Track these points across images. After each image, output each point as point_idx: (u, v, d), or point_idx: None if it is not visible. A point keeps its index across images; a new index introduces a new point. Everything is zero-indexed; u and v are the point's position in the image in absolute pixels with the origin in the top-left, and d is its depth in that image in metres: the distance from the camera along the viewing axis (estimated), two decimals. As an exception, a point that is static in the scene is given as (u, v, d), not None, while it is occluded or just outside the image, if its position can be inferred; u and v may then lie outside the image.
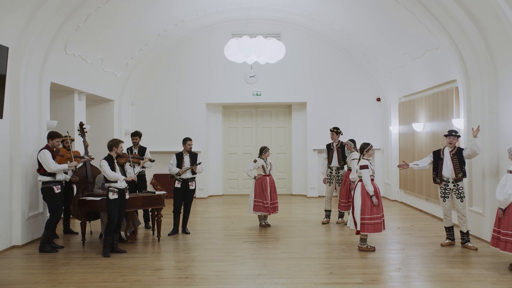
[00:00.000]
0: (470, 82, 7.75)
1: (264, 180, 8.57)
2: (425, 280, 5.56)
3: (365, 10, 10.10)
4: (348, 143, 8.75)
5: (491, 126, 7.32)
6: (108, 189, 6.68)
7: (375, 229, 6.72)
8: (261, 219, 8.73)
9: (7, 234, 7.09)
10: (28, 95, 7.40)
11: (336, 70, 12.82)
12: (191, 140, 8.15)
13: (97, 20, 8.64)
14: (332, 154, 9.05)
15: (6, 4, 6.40)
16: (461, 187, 6.97)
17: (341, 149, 9.00)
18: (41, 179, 7.04)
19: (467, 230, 7.02)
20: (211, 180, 13.18)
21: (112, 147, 6.79)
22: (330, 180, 9.08)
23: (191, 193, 8.13)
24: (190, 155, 8.09)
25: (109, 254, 6.62)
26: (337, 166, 9.02)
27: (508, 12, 6.32)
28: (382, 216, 6.82)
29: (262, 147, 8.73)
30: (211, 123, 13.21)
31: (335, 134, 9.09)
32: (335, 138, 9.09)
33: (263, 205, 8.49)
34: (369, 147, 7.02)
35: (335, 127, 9.23)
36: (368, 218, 6.72)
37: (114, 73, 11.13)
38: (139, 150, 8.65)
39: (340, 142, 9.06)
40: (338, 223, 8.98)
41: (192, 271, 5.99)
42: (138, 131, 8.85)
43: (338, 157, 9.00)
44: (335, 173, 9.05)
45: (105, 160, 6.70)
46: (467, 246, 6.97)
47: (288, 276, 5.69)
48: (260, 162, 8.56)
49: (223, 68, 12.54)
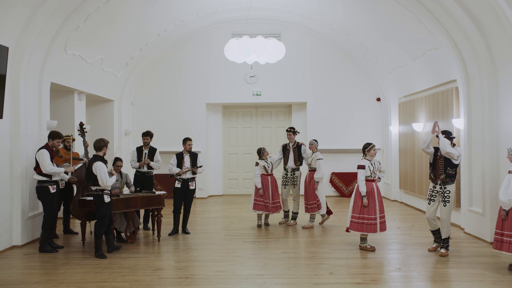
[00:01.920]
0: (470, 82, 7.75)
1: (265, 179, 8.56)
2: (425, 280, 5.56)
3: (365, 10, 10.10)
4: (312, 143, 8.66)
5: (491, 126, 7.32)
6: (104, 192, 6.62)
7: (362, 228, 6.76)
8: (260, 219, 8.69)
9: (7, 234, 7.09)
10: (28, 95, 7.40)
11: (336, 70, 12.82)
12: (191, 140, 8.15)
13: (97, 20, 8.64)
14: (288, 155, 8.82)
15: (6, 4, 6.40)
16: (447, 191, 6.53)
17: (297, 149, 8.82)
18: (37, 177, 7.00)
19: (446, 236, 6.57)
20: (211, 180, 13.18)
21: (103, 147, 6.75)
22: (285, 182, 8.88)
23: (191, 193, 8.13)
24: (190, 155, 8.10)
25: (104, 256, 6.57)
26: (293, 167, 8.81)
27: (508, 12, 6.32)
28: (375, 218, 6.74)
29: (259, 149, 8.67)
30: (211, 123, 13.21)
31: (292, 134, 8.83)
32: (292, 138, 8.85)
33: (264, 204, 8.47)
34: (370, 147, 6.97)
35: (291, 127, 8.94)
36: (356, 217, 6.79)
37: (114, 73, 11.13)
38: (149, 150, 8.53)
39: (296, 143, 8.86)
40: (289, 225, 8.77)
41: (192, 271, 5.99)
42: (150, 131, 8.66)
43: (294, 158, 8.78)
44: (291, 174, 8.85)
45: (101, 162, 6.58)
46: (440, 252, 6.55)
47: (288, 276, 5.69)
48: (262, 163, 8.55)
49: (223, 68, 12.53)
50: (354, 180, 12.80)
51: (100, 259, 6.49)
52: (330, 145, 12.83)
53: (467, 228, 7.90)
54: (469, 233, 7.80)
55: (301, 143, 8.89)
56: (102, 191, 6.61)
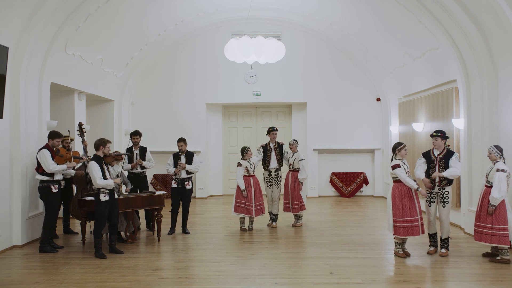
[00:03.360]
0: (470, 82, 7.75)
1: (248, 181, 8.26)
2: (425, 280, 5.56)
3: (365, 10, 10.10)
4: (293, 143, 8.58)
5: (491, 126, 7.32)
6: (100, 191, 6.59)
7: (408, 232, 6.33)
8: (242, 223, 8.41)
9: (7, 234, 7.09)
10: (28, 95, 7.40)
11: (336, 70, 12.82)
12: (180, 141, 8.12)
13: (97, 20, 8.64)
14: (270, 156, 8.63)
15: (6, 4, 6.40)
16: (446, 191, 6.53)
17: (279, 149, 8.68)
18: (39, 177, 7.02)
19: (446, 236, 6.58)
20: (211, 180, 13.18)
21: (100, 146, 6.74)
22: (270, 183, 8.69)
23: (188, 193, 8.13)
24: (186, 154, 8.12)
25: (104, 256, 6.56)
26: (276, 167, 8.66)
27: (508, 12, 6.32)
28: (417, 219, 6.38)
29: (243, 148, 8.43)
30: (211, 123, 13.21)
31: (276, 133, 8.68)
32: (274, 137, 8.66)
33: (245, 206, 8.18)
34: (401, 147, 6.59)
35: (274, 127, 8.77)
36: (400, 221, 6.36)
37: (114, 73, 11.13)
38: (140, 150, 8.54)
39: (277, 143, 8.71)
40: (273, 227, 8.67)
41: (192, 271, 5.99)
42: (138, 131, 8.68)
43: (276, 158, 8.63)
44: (274, 174, 8.67)
45: (95, 161, 6.59)
46: (441, 252, 6.57)
47: (288, 276, 5.69)
48: (244, 164, 8.30)
49: (223, 68, 12.53)
50: (354, 180, 12.82)
51: (100, 259, 6.48)
52: (330, 145, 12.83)
53: (467, 228, 7.90)
54: (469, 233, 7.80)
55: (282, 142, 8.77)
56: (98, 190, 6.58)
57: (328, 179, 12.93)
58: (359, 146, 12.87)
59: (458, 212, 8.47)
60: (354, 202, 12.02)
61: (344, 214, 10.25)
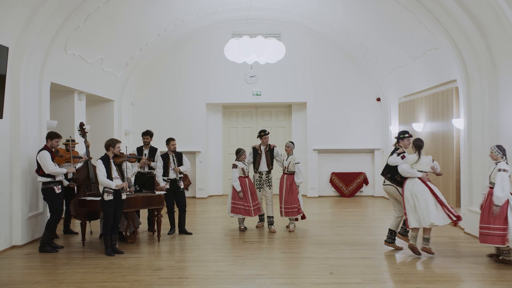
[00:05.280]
0: (470, 82, 7.75)
1: (243, 182, 8.24)
2: (425, 280, 5.56)
3: (365, 10, 10.10)
4: (289, 145, 8.40)
5: (491, 126, 7.32)
6: (103, 190, 6.65)
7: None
8: (241, 223, 8.40)
9: (7, 234, 7.08)
10: (28, 95, 7.40)
11: (336, 70, 12.82)
12: (174, 140, 8.12)
13: (97, 20, 8.64)
14: (260, 159, 8.45)
15: (6, 4, 6.40)
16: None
17: (270, 152, 8.49)
18: (41, 180, 7.03)
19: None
20: (211, 180, 13.18)
21: (109, 146, 6.75)
22: (260, 185, 8.50)
23: (181, 193, 8.13)
24: (176, 155, 8.12)
25: (112, 253, 6.63)
26: (266, 170, 8.46)
27: (508, 12, 6.32)
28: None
29: (238, 149, 8.42)
30: (211, 123, 13.21)
31: (268, 137, 8.44)
32: (266, 141, 8.46)
33: (243, 207, 8.14)
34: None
35: (266, 131, 8.49)
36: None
37: (114, 73, 11.14)
38: (150, 150, 8.41)
39: (268, 145, 8.52)
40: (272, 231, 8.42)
41: (192, 271, 5.99)
42: (150, 131, 8.52)
43: (267, 161, 8.43)
44: (266, 177, 8.48)
45: (101, 160, 6.67)
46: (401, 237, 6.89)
47: (288, 276, 5.69)
48: (240, 165, 8.29)
49: (223, 68, 12.53)
50: (354, 180, 12.82)
51: (106, 256, 6.54)
52: (330, 145, 12.83)
53: (467, 228, 7.90)
54: (469, 233, 7.80)
55: (273, 145, 8.62)
56: (103, 189, 6.64)
57: (328, 179, 12.94)
58: (359, 146, 12.86)
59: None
60: (354, 202, 12.02)
61: (344, 214, 10.25)
